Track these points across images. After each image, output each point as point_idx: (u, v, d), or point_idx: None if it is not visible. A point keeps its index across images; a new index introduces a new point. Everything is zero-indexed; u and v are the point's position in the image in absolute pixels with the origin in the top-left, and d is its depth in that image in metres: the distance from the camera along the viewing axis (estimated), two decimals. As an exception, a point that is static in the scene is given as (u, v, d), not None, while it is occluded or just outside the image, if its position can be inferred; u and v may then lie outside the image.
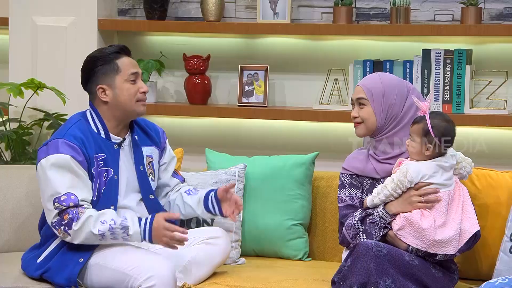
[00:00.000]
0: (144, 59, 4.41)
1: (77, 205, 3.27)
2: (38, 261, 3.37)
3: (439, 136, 3.27)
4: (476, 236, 3.31)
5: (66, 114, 4.37)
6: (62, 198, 3.27)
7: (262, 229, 3.78)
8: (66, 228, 3.27)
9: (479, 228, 3.30)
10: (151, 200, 3.47)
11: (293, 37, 4.36)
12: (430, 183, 3.28)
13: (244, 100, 4.36)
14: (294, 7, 4.33)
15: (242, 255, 3.74)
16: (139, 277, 3.23)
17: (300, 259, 3.79)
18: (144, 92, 3.41)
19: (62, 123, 4.35)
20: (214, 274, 3.50)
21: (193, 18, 4.47)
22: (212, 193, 3.47)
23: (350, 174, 3.45)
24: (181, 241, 3.28)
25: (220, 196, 3.45)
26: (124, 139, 3.45)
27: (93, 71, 3.40)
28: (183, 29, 4.38)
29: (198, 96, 4.39)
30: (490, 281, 3.00)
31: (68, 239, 3.29)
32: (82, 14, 4.42)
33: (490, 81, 4.10)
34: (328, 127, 4.28)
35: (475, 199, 3.43)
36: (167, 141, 3.60)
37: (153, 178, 3.50)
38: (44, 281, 3.38)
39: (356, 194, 3.42)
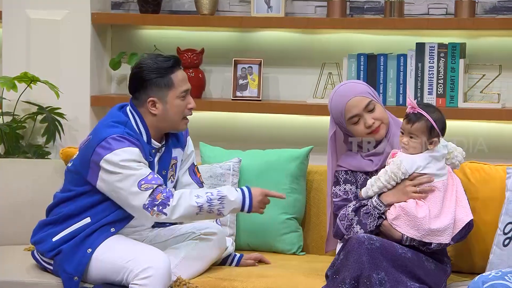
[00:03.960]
0: (138, 52, 4.40)
1: (162, 184, 3.28)
2: (54, 239, 3.36)
3: (442, 128, 3.31)
4: (469, 226, 3.32)
5: (59, 108, 4.37)
6: (149, 178, 3.26)
7: (257, 223, 3.78)
8: (161, 207, 3.26)
9: (472, 217, 3.31)
10: None
11: (287, 31, 4.36)
12: (424, 174, 3.29)
13: (238, 94, 4.35)
14: (288, 1, 4.32)
15: (236, 249, 3.74)
16: (135, 269, 3.24)
17: (294, 253, 3.79)
18: (191, 109, 3.41)
19: (56, 117, 4.36)
20: (208, 268, 3.50)
21: (187, 12, 4.46)
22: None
23: (345, 170, 3.45)
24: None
25: None
26: (163, 145, 3.45)
27: (146, 81, 3.36)
28: (177, 23, 4.37)
29: (192, 90, 4.33)
30: (483, 274, 3.01)
31: (163, 218, 3.27)
32: (75, 8, 4.41)
33: (483, 75, 4.10)
34: (322, 121, 4.27)
35: (469, 192, 3.43)
36: (188, 138, 3.58)
37: (172, 180, 3.51)
38: (48, 274, 3.38)
39: (350, 189, 3.42)
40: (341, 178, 3.44)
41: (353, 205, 3.35)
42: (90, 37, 4.41)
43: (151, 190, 3.26)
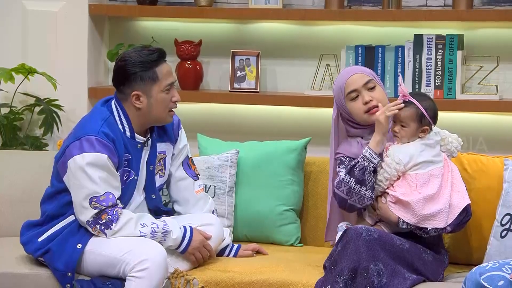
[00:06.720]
0: (135, 44, 4.39)
1: (114, 205, 3.28)
2: (39, 240, 3.36)
3: (433, 116, 3.31)
4: (467, 212, 3.32)
5: (57, 100, 4.36)
6: (101, 198, 3.26)
7: (254, 214, 3.78)
8: (103, 227, 3.28)
9: (469, 202, 3.31)
10: (153, 199, 3.49)
11: (285, 23, 4.35)
12: (419, 163, 3.29)
13: (235, 85, 4.35)
14: (285, -8, 4.32)
15: (234, 240, 3.74)
16: (132, 262, 3.24)
17: (292, 245, 3.79)
18: (176, 102, 3.40)
19: (54, 108, 4.36)
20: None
21: (185, 3, 4.45)
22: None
23: (347, 156, 3.41)
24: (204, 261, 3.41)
25: None
26: (148, 138, 3.43)
27: (131, 74, 3.34)
28: (175, 14, 4.37)
29: (190, 82, 4.38)
30: (481, 265, 3.01)
31: (102, 236, 3.30)
32: (72, -1, 4.41)
33: (481, 67, 4.10)
34: (320, 112, 4.27)
35: (466, 183, 3.43)
36: (181, 131, 3.56)
37: (161, 174, 3.50)
38: (42, 265, 3.38)
39: None
40: (345, 159, 3.39)
41: (344, 169, 3.33)
42: (88, 29, 4.40)
43: (99, 210, 3.27)
